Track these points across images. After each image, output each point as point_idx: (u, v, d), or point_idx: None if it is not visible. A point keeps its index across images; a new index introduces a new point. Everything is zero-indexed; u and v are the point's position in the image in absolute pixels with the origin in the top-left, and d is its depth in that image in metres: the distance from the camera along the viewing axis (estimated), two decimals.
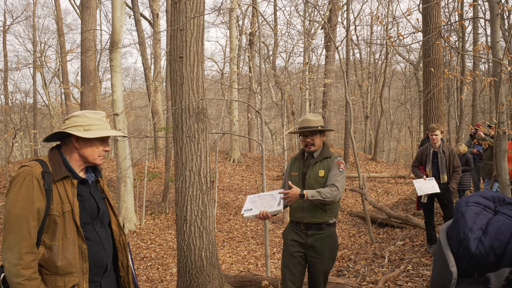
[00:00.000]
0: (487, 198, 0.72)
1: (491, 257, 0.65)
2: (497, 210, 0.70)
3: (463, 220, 0.70)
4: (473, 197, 0.73)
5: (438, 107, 10.37)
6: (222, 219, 11.57)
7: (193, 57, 4.41)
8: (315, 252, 3.44)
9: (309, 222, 3.42)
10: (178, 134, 4.45)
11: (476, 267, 0.66)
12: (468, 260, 0.67)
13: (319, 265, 3.46)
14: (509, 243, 0.64)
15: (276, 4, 19.84)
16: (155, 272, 7.82)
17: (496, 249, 0.65)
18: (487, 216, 0.69)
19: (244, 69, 21.70)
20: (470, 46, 19.87)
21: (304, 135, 3.49)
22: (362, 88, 23.76)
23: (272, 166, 18.42)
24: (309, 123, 3.49)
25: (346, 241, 8.67)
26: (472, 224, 0.68)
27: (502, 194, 0.73)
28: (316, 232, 3.43)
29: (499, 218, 0.68)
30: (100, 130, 2.19)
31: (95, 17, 13.09)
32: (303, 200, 3.34)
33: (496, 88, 4.74)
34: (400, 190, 14.18)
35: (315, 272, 3.50)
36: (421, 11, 11.05)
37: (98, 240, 2.17)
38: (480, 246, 0.66)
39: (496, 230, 0.66)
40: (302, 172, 3.51)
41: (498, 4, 4.73)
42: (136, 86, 33.87)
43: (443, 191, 5.70)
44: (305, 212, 3.42)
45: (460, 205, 0.73)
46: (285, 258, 3.54)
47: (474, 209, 0.70)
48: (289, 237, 3.54)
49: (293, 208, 3.52)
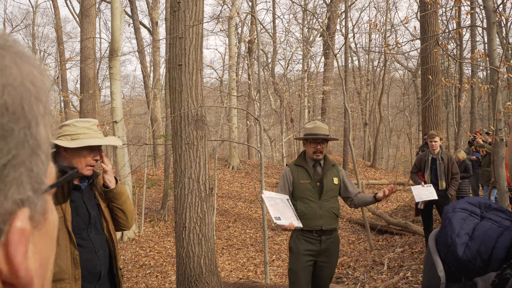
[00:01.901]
0: (474, 204, 0.74)
1: (478, 261, 0.67)
2: (483, 215, 0.72)
3: (450, 226, 0.71)
4: (459, 203, 0.75)
5: (436, 114, 10.41)
6: (221, 226, 11.55)
7: (192, 65, 4.44)
8: (326, 256, 3.50)
9: (327, 229, 3.47)
10: (177, 141, 4.47)
11: (463, 272, 0.68)
12: (456, 265, 0.69)
13: (328, 269, 3.54)
14: (495, 248, 0.66)
15: (275, 12, 19.97)
16: (154, 279, 7.79)
17: (482, 253, 0.66)
18: (474, 221, 0.71)
19: (243, 77, 21.77)
20: (468, 54, 19.95)
21: (316, 142, 3.50)
22: (360, 95, 23.83)
23: (271, 173, 18.42)
24: (322, 130, 3.52)
25: (345, 248, 8.65)
26: (459, 230, 0.70)
27: (488, 200, 0.75)
28: (329, 237, 3.50)
29: (485, 223, 0.70)
30: (86, 139, 2.14)
31: (94, 25, 13.16)
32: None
33: (493, 95, 4.77)
34: (399, 197, 14.18)
35: (324, 276, 3.56)
36: (419, 19, 11.13)
37: (91, 246, 2.16)
38: (467, 251, 0.67)
39: (482, 235, 0.68)
40: (314, 179, 3.51)
41: (495, 13, 4.78)
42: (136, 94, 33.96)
43: (442, 198, 5.70)
44: (323, 220, 3.45)
45: (447, 211, 0.75)
46: (297, 268, 3.49)
47: (461, 215, 0.72)
48: (301, 248, 3.47)
49: (307, 218, 3.44)
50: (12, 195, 0.35)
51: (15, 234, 0.35)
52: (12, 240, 0.34)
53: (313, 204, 3.46)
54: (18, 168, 0.35)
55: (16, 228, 0.35)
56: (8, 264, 0.34)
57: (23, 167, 0.36)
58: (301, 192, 3.51)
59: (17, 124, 0.35)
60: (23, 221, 0.35)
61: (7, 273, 0.34)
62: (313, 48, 21.33)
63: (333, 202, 3.53)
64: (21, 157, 0.35)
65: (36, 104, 0.37)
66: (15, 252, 0.34)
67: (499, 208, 0.71)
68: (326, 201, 3.46)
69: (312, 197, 3.47)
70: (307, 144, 3.56)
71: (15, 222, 0.35)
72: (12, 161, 0.34)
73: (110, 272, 2.29)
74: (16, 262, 0.34)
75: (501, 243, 0.65)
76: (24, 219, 0.35)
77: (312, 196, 3.47)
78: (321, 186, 3.49)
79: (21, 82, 0.36)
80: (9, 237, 0.34)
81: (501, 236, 0.66)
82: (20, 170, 0.35)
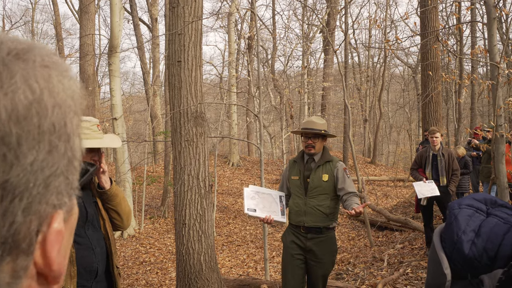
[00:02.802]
0: (479, 201, 0.73)
1: (484, 259, 0.65)
2: (489, 212, 0.71)
3: (456, 223, 0.70)
4: (465, 200, 0.73)
5: (436, 110, 10.39)
6: (221, 223, 11.55)
7: (191, 61, 4.42)
8: (315, 256, 3.43)
9: (310, 226, 3.41)
10: (176, 138, 4.46)
11: (469, 269, 0.67)
12: (462, 262, 0.67)
13: (318, 269, 3.45)
14: (501, 244, 0.65)
15: (275, 8, 19.89)
16: (154, 276, 7.80)
17: (489, 250, 0.65)
18: (480, 218, 0.70)
19: (243, 73, 21.74)
20: (468, 49, 19.92)
21: (307, 136, 3.48)
22: (360, 91, 23.80)
23: (271, 169, 18.42)
24: (314, 125, 3.48)
25: (345, 244, 8.66)
26: (465, 227, 0.69)
27: (494, 196, 0.74)
28: (316, 235, 3.42)
29: (491, 220, 0.69)
30: (85, 140, 2.12)
31: (93, 22, 13.12)
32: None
33: (494, 91, 4.76)
34: (399, 193, 14.18)
35: (314, 276, 3.49)
36: (419, 14, 11.10)
37: (88, 243, 2.14)
38: (473, 248, 0.66)
39: (488, 232, 0.67)
40: (303, 176, 3.49)
41: (495, 8, 4.76)
42: (135, 90, 33.89)
43: (443, 194, 5.70)
44: (306, 216, 3.41)
45: (453, 208, 0.73)
46: (285, 261, 3.53)
47: (467, 211, 0.71)
48: (288, 239, 3.53)
49: (293, 212, 3.50)
50: (53, 202, 0.39)
51: (53, 234, 0.40)
52: (50, 239, 0.39)
53: (299, 200, 3.46)
54: (58, 178, 0.39)
55: (54, 229, 0.40)
56: (44, 259, 0.39)
57: (62, 176, 0.40)
58: (292, 188, 3.55)
59: (61, 139, 0.39)
60: (60, 223, 0.40)
61: (42, 266, 0.39)
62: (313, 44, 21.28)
63: (322, 199, 3.39)
64: (61, 168, 0.39)
65: (74, 117, 0.41)
66: (51, 249, 0.39)
67: (505, 205, 0.70)
68: (313, 198, 3.40)
69: (299, 193, 3.47)
70: (302, 138, 3.59)
71: (53, 224, 0.40)
72: (54, 173, 0.39)
73: (108, 270, 2.27)
74: (52, 257, 0.40)
75: (507, 240, 0.64)
76: (60, 221, 0.40)
77: (299, 192, 3.47)
78: (305, 182, 3.47)
79: (65, 100, 0.40)
80: (47, 237, 0.39)
81: (508, 233, 0.65)
82: (59, 180, 0.40)
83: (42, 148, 0.37)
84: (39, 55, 0.40)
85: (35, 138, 0.37)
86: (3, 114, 0.35)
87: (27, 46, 0.40)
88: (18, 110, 0.36)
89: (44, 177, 0.38)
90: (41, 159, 0.37)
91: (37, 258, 0.39)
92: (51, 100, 0.38)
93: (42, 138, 0.37)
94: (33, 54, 0.39)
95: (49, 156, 0.38)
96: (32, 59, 0.39)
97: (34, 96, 0.37)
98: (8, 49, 0.38)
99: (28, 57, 0.39)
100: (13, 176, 0.35)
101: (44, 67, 0.39)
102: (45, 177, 0.38)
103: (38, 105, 0.37)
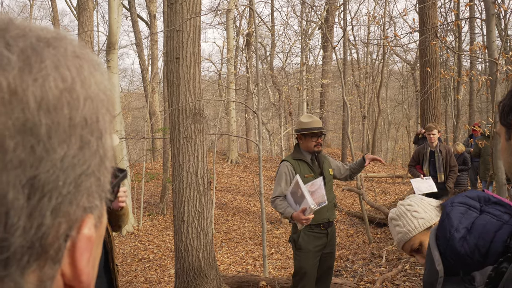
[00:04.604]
0: (473, 198, 0.73)
1: (476, 255, 0.66)
2: (482, 209, 0.71)
3: (448, 220, 0.71)
4: (458, 198, 0.74)
5: (435, 107, 10.39)
6: (220, 220, 11.56)
7: (190, 58, 4.41)
8: (331, 246, 3.58)
9: (331, 220, 3.55)
10: (175, 135, 4.46)
11: (462, 266, 0.67)
12: (455, 259, 0.68)
13: (331, 258, 3.63)
14: (493, 241, 0.65)
15: (273, 5, 19.86)
16: (153, 273, 7.81)
17: (480, 247, 0.66)
18: (473, 215, 0.70)
19: (241, 70, 21.72)
20: (467, 46, 19.90)
21: (317, 135, 3.57)
22: (359, 88, 23.78)
23: (270, 166, 18.42)
24: (319, 124, 3.60)
25: (344, 241, 8.68)
26: (457, 224, 0.69)
27: (487, 193, 0.74)
28: (332, 227, 3.60)
29: (484, 217, 0.69)
30: None
31: (92, 19, 13.08)
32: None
33: (492, 87, 4.76)
34: (397, 190, 14.20)
35: (328, 265, 3.61)
36: (417, 11, 11.09)
37: None
38: (465, 245, 0.67)
39: (480, 229, 0.67)
40: (316, 173, 3.58)
41: (494, 4, 4.76)
42: (134, 87, 33.80)
43: (440, 190, 5.72)
44: (329, 212, 3.52)
45: (446, 206, 0.74)
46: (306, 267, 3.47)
47: (460, 209, 0.71)
48: (312, 245, 3.45)
49: (317, 211, 3.29)
50: (83, 204, 0.36)
51: (83, 240, 0.36)
52: (79, 246, 0.35)
53: None
54: (89, 178, 0.36)
55: (84, 235, 0.36)
56: (72, 269, 0.35)
57: (94, 177, 0.36)
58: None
59: (93, 135, 0.36)
60: (90, 229, 0.36)
61: (70, 277, 0.35)
62: (311, 41, 21.27)
63: (332, 192, 3.61)
64: (92, 167, 0.36)
65: (106, 114, 0.38)
66: (80, 258, 0.35)
67: (499, 202, 0.71)
68: (328, 192, 3.45)
69: None
70: (308, 138, 3.56)
71: (83, 229, 0.36)
72: (86, 172, 0.35)
73: (106, 266, 2.27)
74: (81, 267, 0.35)
75: (499, 237, 0.65)
76: (91, 226, 0.37)
77: None
78: (323, 179, 3.48)
79: (97, 94, 0.37)
80: (76, 243, 0.35)
81: (499, 230, 0.65)
82: (90, 180, 0.36)
83: (73, 143, 0.34)
84: (70, 45, 0.37)
85: (66, 131, 0.33)
86: (32, 103, 0.32)
87: (58, 35, 0.37)
88: (49, 99, 0.32)
89: (75, 175, 0.34)
90: (72, 154, 0.34)
91: (65, 267, 0.35)
92: (83, 91, 0.35)
93: (74, 131, 0.34)
94: (64, 43, 0.37)
95: (80, 152, 0.34)
96: (64, 47, 0.36)
97: (65, 85, 0.34)
98: (37, 36, 0.35)
99: (59, 44, 0.36)
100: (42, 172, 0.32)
101: (75, 57, 0.36)
102: (76, 175, 0.34)
103: (70, 95, 0.34)
